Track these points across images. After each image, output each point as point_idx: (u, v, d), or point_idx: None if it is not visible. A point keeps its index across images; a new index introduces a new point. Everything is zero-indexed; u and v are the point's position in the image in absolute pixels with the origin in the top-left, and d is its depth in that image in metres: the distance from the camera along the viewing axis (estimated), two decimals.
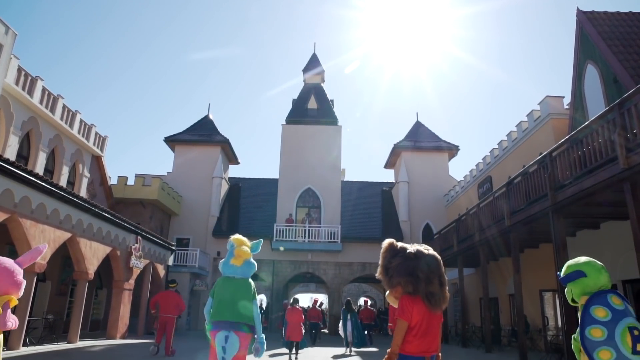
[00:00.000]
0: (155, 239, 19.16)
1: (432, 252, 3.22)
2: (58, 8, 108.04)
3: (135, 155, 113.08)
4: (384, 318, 22.96)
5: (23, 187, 10.42)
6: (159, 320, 11.06)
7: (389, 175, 33.45)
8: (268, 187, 29.04)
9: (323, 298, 33.53)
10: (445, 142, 29.53)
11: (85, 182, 19.52)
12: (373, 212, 28.57)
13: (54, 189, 11.50)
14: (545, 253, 14.37)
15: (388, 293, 3.24)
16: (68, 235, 12.62)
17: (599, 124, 8.60)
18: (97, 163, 20.75)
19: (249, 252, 4.96)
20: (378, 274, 3.28)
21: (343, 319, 14.63)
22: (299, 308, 12.13)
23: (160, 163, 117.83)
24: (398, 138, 37.46)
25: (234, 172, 33.97)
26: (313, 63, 30.73)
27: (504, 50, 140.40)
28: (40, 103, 15.43)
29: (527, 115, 18.10)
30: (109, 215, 14.75)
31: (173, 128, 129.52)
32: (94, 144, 19.79)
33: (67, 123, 17.29)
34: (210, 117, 30.41)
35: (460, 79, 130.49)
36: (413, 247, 3.24)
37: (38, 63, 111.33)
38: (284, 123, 28.52)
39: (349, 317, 14.55)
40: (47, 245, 3.56)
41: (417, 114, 32.74)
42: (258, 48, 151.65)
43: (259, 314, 4.85)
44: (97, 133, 19.95)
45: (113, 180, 22.89)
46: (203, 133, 28.73)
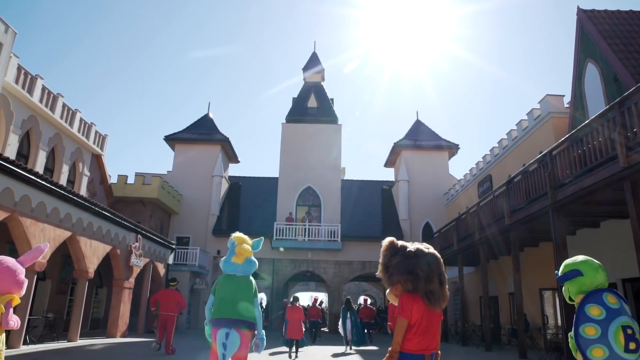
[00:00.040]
0: (155, 238, 19.17)
1: (432, 250, 3.23)
2: (58, 7, 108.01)
3: (135, 154, 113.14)
4: (384, 317, 22.97)
5: (23, 185, 10.44)
6: (160, 319, 11.06)
7: (389, 174, 33.48)
8: (268, 185, 29.06)
9: (323, 296, 33.53)
10: (445, 140, 29.55)
11: (85, 180, 19.53)
12: (373, 210, 28.59)
13: (54, 188, 11.52)
14: (545, 252, 14.38)
15: (388, 291, 3.26)
16: (68, 234, 12.63)
17: (599, 123, 8.61)
18: (97, 162, 20.77)
19: (250, 250, 4.98)
20: (378, 272, 3.30)
21: (343, 318, 14.67)
22: (299, 306, 12.16)
23: (161, 162, 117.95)
24: (398, 137, 37.37)
25: (234, 170, 33.96)
26: (313, 62, 30.70)
27: (504, 49, 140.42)
28: (40, 102, 15.44)
29: (527, 114, 18.11)
30: (109, 214, 14.76)
31: (173, 127, 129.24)
32: (94, 143, 19.80)
33: (67, 122, 17.30)
34: (210, 115, 30.43)
35: (460, 78, 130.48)
36: (413, 245, 3.25)
37: (38, 62, 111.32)
38: (284, 122, 28.51)
39: (349, 315, 14.59)
40: (48, 245, 3.55)
41: (417, 113, 32.75)
42: (258, 47, 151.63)
43: (260, 312, 4.87)
44: (97, 132, 19.97)
45: (113, 179, 22.92)
46: (203, 132, 28.75)
